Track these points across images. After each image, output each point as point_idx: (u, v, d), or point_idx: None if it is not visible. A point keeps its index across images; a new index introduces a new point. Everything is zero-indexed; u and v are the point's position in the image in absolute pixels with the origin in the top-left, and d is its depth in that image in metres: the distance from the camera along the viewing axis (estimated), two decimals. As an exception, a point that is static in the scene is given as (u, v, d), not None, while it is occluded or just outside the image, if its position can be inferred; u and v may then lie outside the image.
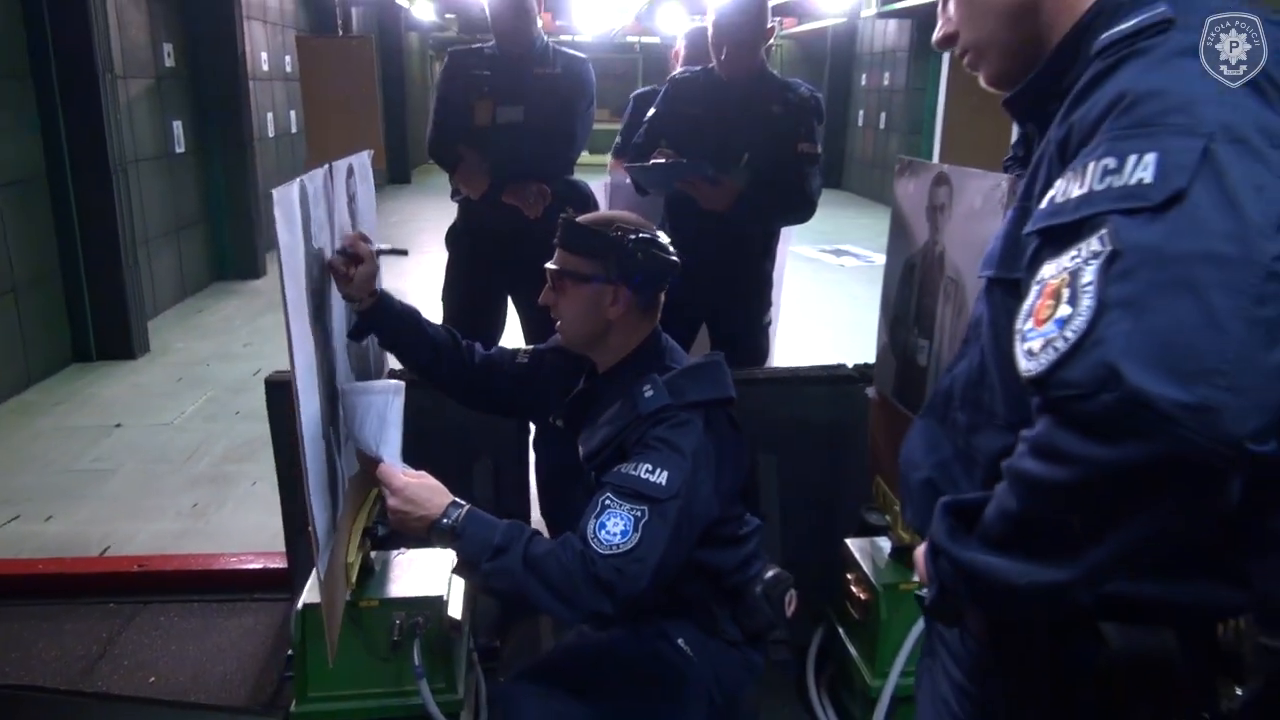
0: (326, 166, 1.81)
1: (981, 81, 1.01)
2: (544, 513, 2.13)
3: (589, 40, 15.53)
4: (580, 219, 1.74)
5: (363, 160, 2.11)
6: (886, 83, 13.32)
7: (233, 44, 7.17)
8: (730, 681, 1.71)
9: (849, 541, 2.33)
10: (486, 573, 1.47)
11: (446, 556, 2.14)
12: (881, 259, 2.26)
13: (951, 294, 1.92)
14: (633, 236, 1.65)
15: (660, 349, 1.72)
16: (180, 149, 6.83)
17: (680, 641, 1.67)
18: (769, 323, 3.09)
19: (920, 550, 0.94)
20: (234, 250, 7.53)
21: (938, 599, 0.89)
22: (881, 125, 13.43)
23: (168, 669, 2.53)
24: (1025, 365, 0.74)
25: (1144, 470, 0.67)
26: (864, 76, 14.32)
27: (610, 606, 1.44)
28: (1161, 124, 0.72)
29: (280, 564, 2.81)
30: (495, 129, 2.89)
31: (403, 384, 1.71)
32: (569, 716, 1.55)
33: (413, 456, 1.69)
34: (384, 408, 1.66)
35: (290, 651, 2.53)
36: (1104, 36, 0.83)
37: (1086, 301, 0.70)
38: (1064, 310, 0.71)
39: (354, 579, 1.93)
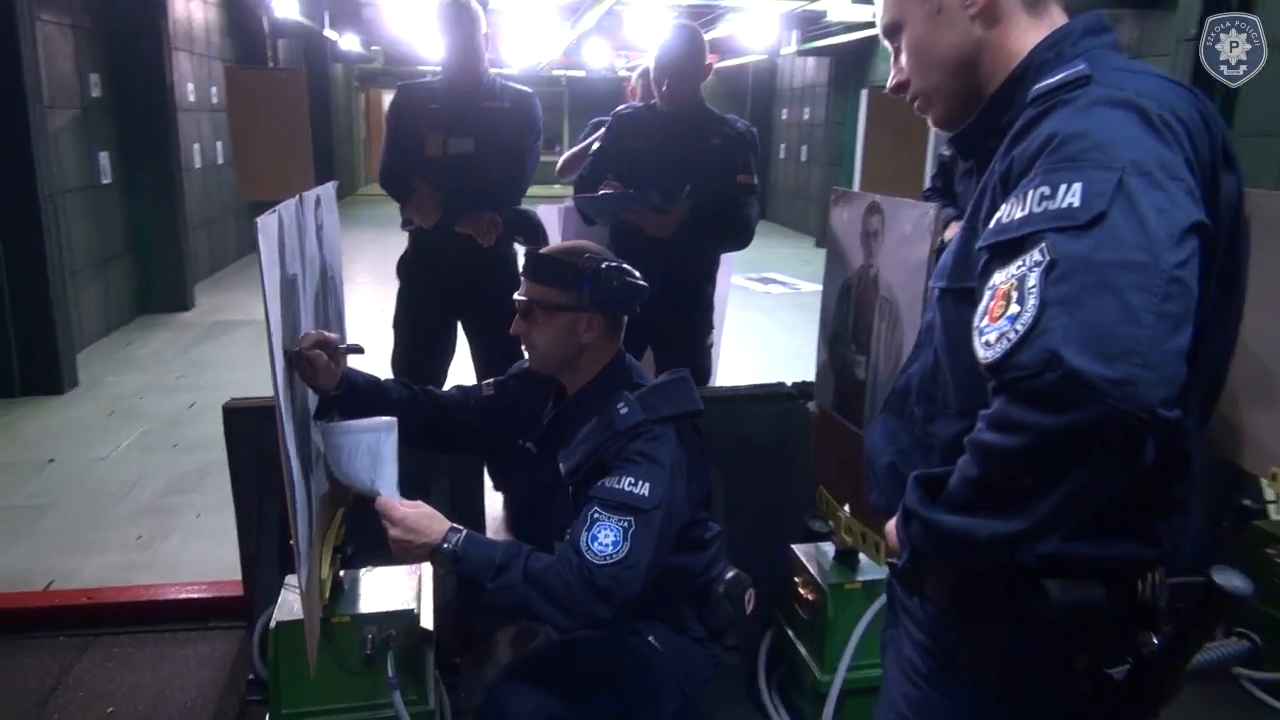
0: (297, 197, 1.88)
1: (930, 122, 1.19)
2: (517, 534, 2.19)
3: (515, 73, 15.65)
4: (545, 251, 1.85)
5: (328, 191, 2.19)
6: (807, 117, 13.75)
7: (160, 74, 7.10)
8: (697, 675, 1.83)
9: (795, 547, 2.47)
10: (491, 590, 1.56)
11: (413, 572, 2.21)
12: (806, 286, 2.43)
13: (886, 312, 2.08)
14: (603, 265, 1.76)
15: (627, 367, 1.84)
16: (106, 180, 6.72)
17: (651, 639, 1.78)
18: (711, 344, 3.24)
19: (892, 523, 1.08)
20: (161, 283, 7.42)
21: (909, 563, 1.03)
22: (803, 158, 13.83)
23: (126, 698, 2.52)
24: (983, 354, 0.90)
25: (1080, 433, 0.84)
26: (785, 111, 14.76)
27: (608, 611, 1.55)
28: (1085, 159, 0.90)
29: (234, 592, 2.80)
30: (446, 160, 2.98)
31: (395, 420, 1.75)
32: (552, 709, 1.64)
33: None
34: (376, 444, 1.70)
35: (251, 676, 2.55)
36: (1036, 87, 1.01)
37: (1032, 301, 0.87)
38: (1014, 309, 0.88)
39: (327, 595, 1.99)
